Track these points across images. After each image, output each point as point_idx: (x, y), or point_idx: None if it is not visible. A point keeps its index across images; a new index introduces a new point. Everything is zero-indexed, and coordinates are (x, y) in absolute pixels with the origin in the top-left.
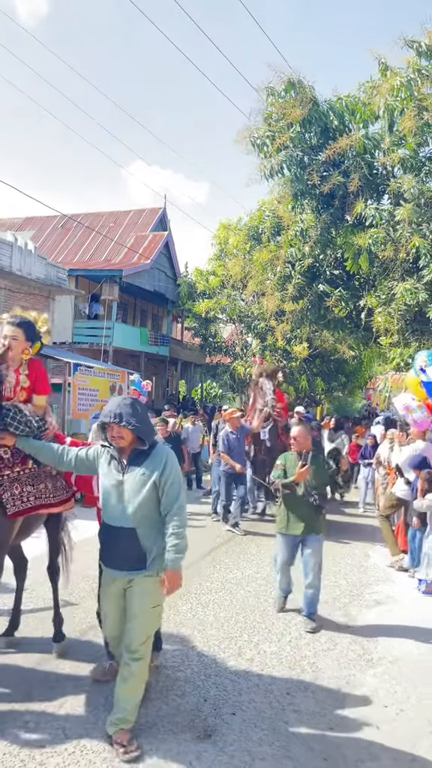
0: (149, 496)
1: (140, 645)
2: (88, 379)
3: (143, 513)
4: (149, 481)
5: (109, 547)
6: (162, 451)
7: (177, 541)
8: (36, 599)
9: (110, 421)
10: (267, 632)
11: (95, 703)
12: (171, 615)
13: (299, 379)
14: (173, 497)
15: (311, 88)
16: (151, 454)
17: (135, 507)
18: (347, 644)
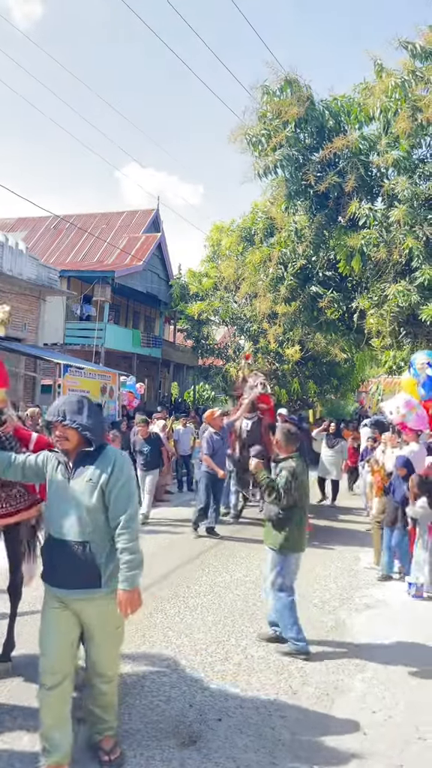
0: (98, 505)
1: (109, 670)
2: (78, 381)
3: (94, 524)
4: (96, 488)
5: (55, 563)
6: (110, 454)
7: (130, 557)
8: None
9: (53, 419)
10: (255, 636)
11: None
12: (159, 619)
13: (291, 382)
14: (122, 507)
15: (308, 87)
16: (98, 458)
17: (84, 517)
18: (336, 648)
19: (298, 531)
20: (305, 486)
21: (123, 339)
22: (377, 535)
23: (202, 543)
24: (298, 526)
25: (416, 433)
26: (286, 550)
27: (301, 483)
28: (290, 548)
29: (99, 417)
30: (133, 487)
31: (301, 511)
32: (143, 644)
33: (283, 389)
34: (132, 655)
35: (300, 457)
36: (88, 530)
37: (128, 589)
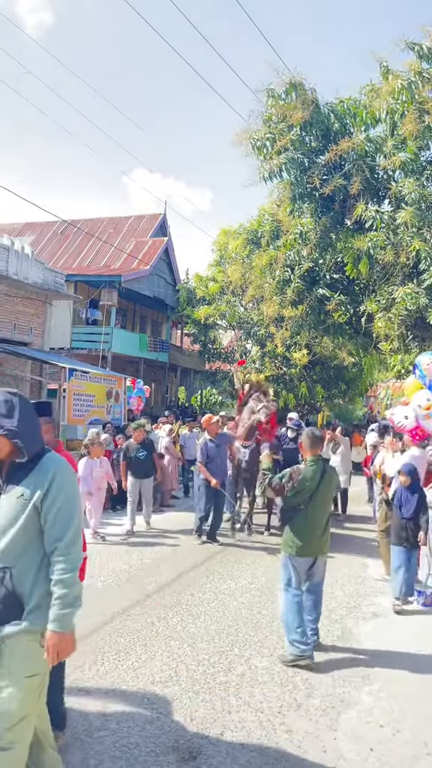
0: (29, 525)
1: (6, 730)
2: (83, 384)
3: (22, 547)
4: (29, 505)
5: None
6: (49, 465)
7: (63, 592)
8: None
9: None
10: (259, 646)
11: None
12: (161, 627)
13: (299, 386)
14: (60, 529)
15: (313, 90)
16: (34, 470)
17: (9, 539)
18: (342, 659)
19: (300, 535)
20: (309, 491)
21: (130, 343)
22: (384, 546)
23: (207, 549)
24: (301, 531)
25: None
26: (286, 551)
27: (306, 488)
28: (289, 550)
29: (33, 420)
30: (75, 507)
31: (304, 515)
32: (144, 654)
33: (290, 393)
34: (133, 666)
35: (319, 463)
36: (12, 554)
37: (58, 630)
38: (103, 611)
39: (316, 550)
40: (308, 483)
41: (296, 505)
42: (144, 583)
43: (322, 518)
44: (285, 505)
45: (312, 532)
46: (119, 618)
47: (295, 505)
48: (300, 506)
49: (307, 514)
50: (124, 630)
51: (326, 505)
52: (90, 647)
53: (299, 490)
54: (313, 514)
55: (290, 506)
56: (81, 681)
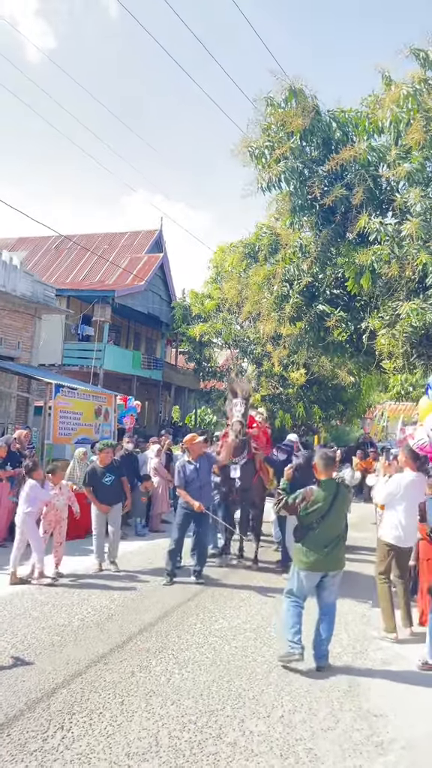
0: None
1: None
2: (71, 402)
3: None
4: None
5: None
6: None
7: None
8: None
9: None
10: (255, 703)
11: None
12: (142, 678)
13: (296, 407)
14: None
15: (313, 97)
16: None
17: None
18: (351, 721)
19: (309, 552)
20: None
21: (123, 360)
22: (384, 594)
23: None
24: (311, 548)
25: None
26: (296, 563)
27: (318, 509)
28: (299, 564)
29: None
30: None
31: (315, 534)
32: (120, 714)
33: (287, 414)
34: (106, 731)
35: (332, 486)
36: None
37: None
38: (77, 659)
39: (324, 566)
40: (320, 504)
41: (309, 524)
42: (126, 623)
43: (332, 537)
44: (299, 524)
45: (321, 550)
46: (95, 667)
47: (308, 524)
48: (313, 525)
49: (317, 532)
50: (99, 683)
51: (338, 525)
52: (58, 706)
53: (311, 511)
54: (324, 533)
55: (303, 525)
56: (42, 752)
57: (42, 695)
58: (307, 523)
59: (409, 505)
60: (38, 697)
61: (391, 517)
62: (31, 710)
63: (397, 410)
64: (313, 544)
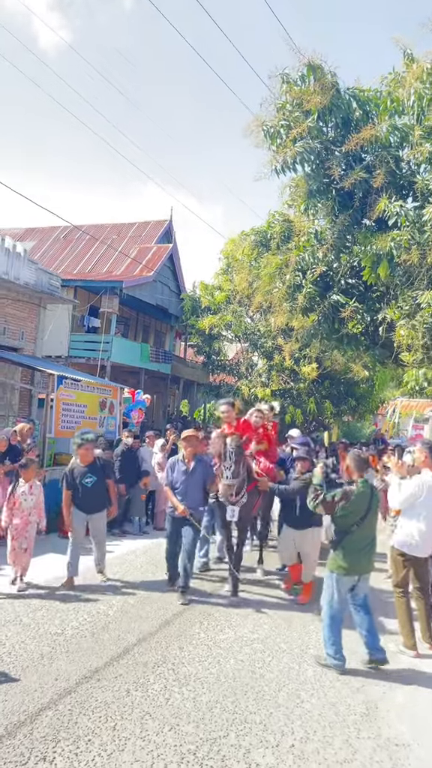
0: None
1: None
2: (74, 394)
3: None
4: None
5: None
6: None
7: None
8: None
9: None
10: (262, 730)
11: None
12: (137, 698)
13: (307, 402)
14: None
15: (333, 74)
16: None
17: None
18: (370, 752)
19: (348, 556)
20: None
21: (131, 353)
22: (401, 607)
23: (203, 588)
24: (350, 552)
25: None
26: (334, 570)
27: (357, 510)
28: (338, 570)
29: None
30: None
31: (352, 537)
32: (111, 742)
33: (298, 409)
34: (94, 763)
35: (368, 486)
36: None
37: None
38: (68, 674)
39: (360, 569)
40: (360, 505)
41: (349, 527)
42: (124, 632)
43: (369, 539)
44: (336, 527)
45: (359, 553)
46: (86, 685)
47: (347, 527)
48: (352, 527)
49: (355, 535)
50: (89, 703)
51: (373, 527)
52: (41, 731)
53: (351, 511)
54: (361, 535)
55: (341, 528)
56: None
57: (25, 718)
58: (346, 526)
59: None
60: (20, 720)
61: (408, 524)
62: (10, 736)
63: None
64: (352, 547)
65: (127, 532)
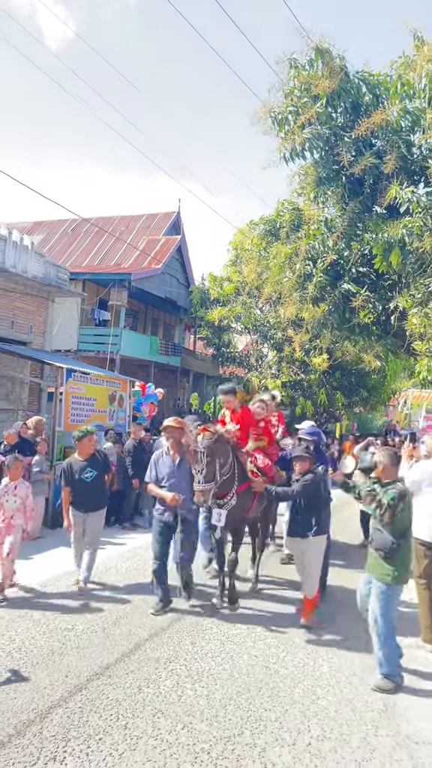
0: None
1: None
2: (83, 387)
3: None
4: None
5: None
6: None
7: None
8: None
9: None
10: (278, 727)
11: None
12: (149, 695)
13: (317, 393)
14: None
15: (341, 58)
16: None
17: None
18: (389, 750)
19: (407, 561)
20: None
21: (140, 346)
22: (423, 600)
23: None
24: (408, 556)
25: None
26: (395, 581)
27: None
28: (398, 580)
29: None
30: None
31: (408, 541)
32: (122, 741)
33: (308, 401)
34: (105, 763)
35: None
36: None
37: None
38: (78, 671)
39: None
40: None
41: (406, 530)
42: (135, 627)
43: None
44: (394, 533)
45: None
46: (96, 681)
47: (405, 530)
48: (408, 530)
49: (409, 540)
50: (100, 701)
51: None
52: (52, 729)
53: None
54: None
55: (400, 533)
56: None
57: (35, 716)
58: (404, 530)
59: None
60: (30, 718)
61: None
62: (20, 735)
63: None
64: (409, 552)
65: (138, 526)
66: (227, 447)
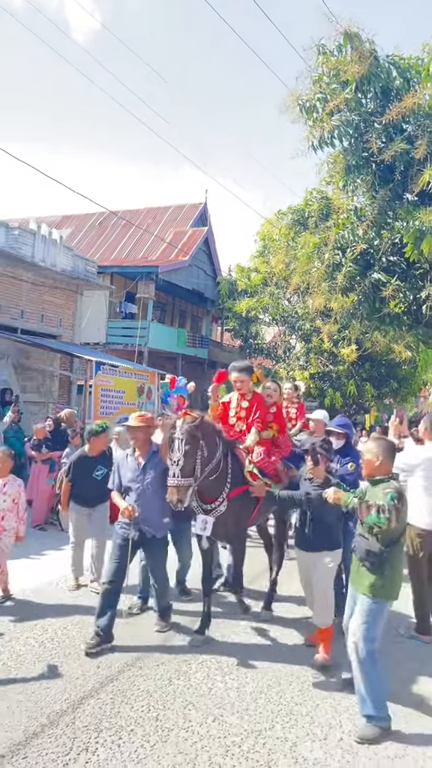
0: None
1: None
2: (112, 380)
3: None
4: None
5: None
6: None
7: None
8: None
9: None
10: (308, 722)
11: None
12: (179, 687)
13: (347, 385)
14: None
15: (371, 42)
16: None
17: None
18: (422, 747)
19: (396, 573)
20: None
21: (168, 338)
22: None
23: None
24: (397, 567)
25: None
26: (383, 596)
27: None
28: (388, 594)
29: None
30: None
31: (401, 548)
32: (154, 734)
33: (337, 392)
34: (136, 755)
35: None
36: None
37: None
38: (110, 661)
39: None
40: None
41: (400, 534)
42: None
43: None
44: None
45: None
46: (128, 672)
47: (398, 535)
48: (402, 534)
49: (402, 545)
50: (131, 692)
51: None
52: (84, 720)
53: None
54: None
55: (393, 539)
56: None
57: (67, 707)
58: (398, 535)
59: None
60: (63, 709)
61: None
62: (53, 725)
63: None
64: (401, 564)
65: None
66: (216, 438)
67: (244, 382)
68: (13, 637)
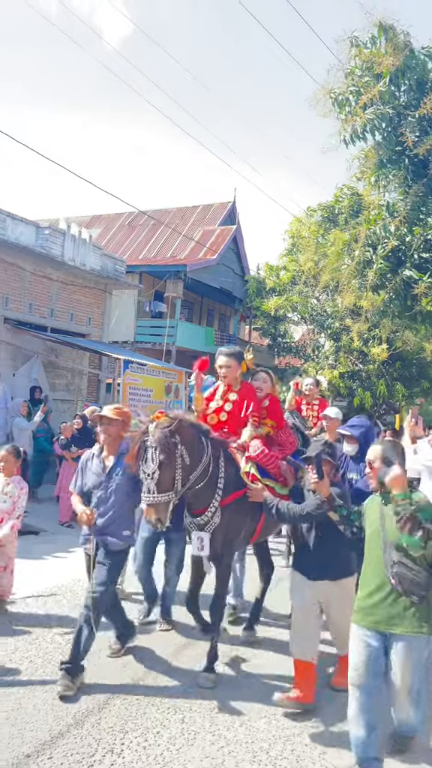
0: None
1: None
2: (140, 378)
3: None
4: None
5: None
6: None
7: None
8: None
9: None
10: (338, 729)
11: None
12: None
13: (377, 384)
14: None
15: (406, 34)
16: None
17: None
18: None
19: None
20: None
21: (195, 337)
22: None
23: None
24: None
25: None
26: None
27: None
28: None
29: None
30: None
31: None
32: (180, 735)
33: (367, 392)
34: (162, 758)
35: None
36: None
37: None
38: (134, 663)
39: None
40: None
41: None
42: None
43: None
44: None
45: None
46: (154, 673)
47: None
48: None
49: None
50: (158, 693)
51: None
52: (110, 721)
53: None
54: None
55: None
56: None
57: (93, 707)
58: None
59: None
60: (89, 709)
61: None
62: (79, 726)
63: None
64: None
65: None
66: (200, 441)
67: (230, 369)
68: (40, 635)
